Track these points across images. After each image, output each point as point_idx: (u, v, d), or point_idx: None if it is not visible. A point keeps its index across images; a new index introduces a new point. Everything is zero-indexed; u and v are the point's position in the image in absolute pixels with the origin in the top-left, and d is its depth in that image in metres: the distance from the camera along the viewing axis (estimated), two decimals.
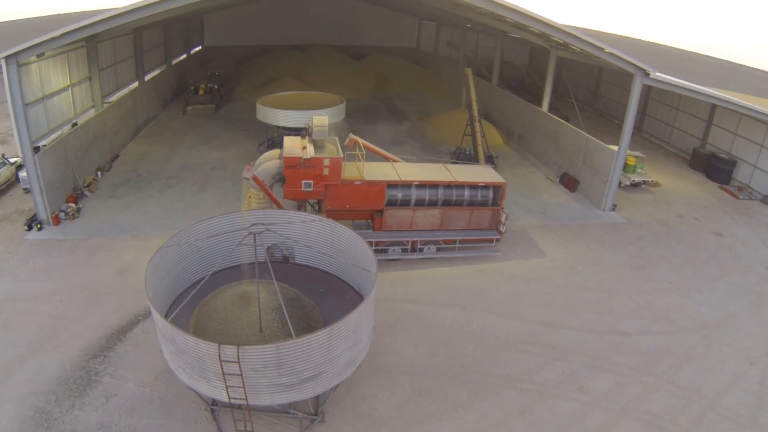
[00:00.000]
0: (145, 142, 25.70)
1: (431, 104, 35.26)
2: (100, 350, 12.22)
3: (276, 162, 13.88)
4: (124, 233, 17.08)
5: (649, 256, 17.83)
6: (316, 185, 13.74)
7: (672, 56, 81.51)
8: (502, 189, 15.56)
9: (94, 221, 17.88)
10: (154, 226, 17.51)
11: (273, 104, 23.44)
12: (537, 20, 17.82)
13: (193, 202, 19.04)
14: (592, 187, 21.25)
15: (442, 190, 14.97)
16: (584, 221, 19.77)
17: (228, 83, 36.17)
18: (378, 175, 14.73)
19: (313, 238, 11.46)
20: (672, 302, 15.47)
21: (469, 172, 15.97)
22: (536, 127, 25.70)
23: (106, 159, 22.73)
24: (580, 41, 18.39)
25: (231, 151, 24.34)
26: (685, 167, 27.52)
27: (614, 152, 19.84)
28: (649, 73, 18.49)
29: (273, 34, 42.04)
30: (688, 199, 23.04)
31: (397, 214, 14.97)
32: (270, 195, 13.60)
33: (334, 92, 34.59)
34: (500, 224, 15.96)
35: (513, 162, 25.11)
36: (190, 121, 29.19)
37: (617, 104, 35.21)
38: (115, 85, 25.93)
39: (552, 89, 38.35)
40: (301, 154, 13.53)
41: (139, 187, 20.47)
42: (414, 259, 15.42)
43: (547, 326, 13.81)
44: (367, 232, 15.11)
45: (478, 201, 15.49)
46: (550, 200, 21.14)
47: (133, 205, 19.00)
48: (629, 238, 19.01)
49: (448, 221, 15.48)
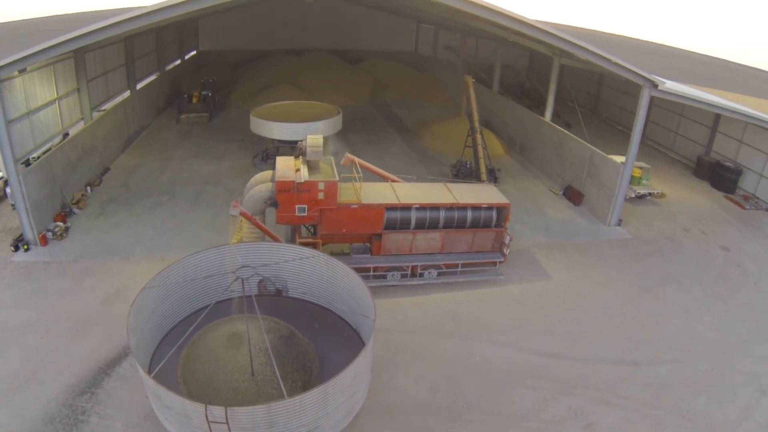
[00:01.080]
0: (137, 153, 25.00)
1: (429, 111, 34.52)
2: (87, 386, 11.61)
3: (267, 185, 13.22)
4: (113, 255, 16.45)
5: (656, 276, 17.29)
6: (311, 210, 13.11)
7: (675, 58, 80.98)
8: (507, 210, 14.94)
9: (83, 241, 17.24)
10: (144, 247, 16.87)
11: (267, 115, 22.75)
12: (542, 31, 17.18)
13: (184, 221, 18.39)
14: (598, 202, 20.64)
15: (443, 212, 14.34)
16: (589, 238, 19.18)
17: (222, 89, 35.39)
18: (376, 197, 14.09)
19: (307, 272, 10.86)
20: (681, 326, 14.93)
21: (472, 192, 15.32)
22: (539, 137, 25.05)
23: (96, 173, 22.04)
24: (588, 52, 17.75)
25: (224, 164, 23.63)
26: (690, 175, 26.99)
27: (621, 166, 19.22)
28: (658, 84, 17.86)
29: (269, 39, 41.22)
30: (694, 211, 22.50)
31: (396, 238, 14.35)
32: (261, 228, 13.00)
33: (331, 98, 33.97)
34: (504, 246, 15.35)
35: (515, 174, 24.47)
36: (184, 130, 28.46)
37: (620, 109, 34.62)
38: (106, 95, 25.19)
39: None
40: (294, 177, 12.88)
41: (129, 203, 19.80)
42: (414, 285, 14.80)
43: (552, 357, 13.24)
44: (365, 257, 14.49)
45: (481, 223, 14.87)
46: (554, 215, 20.53)
47: (122, 224, 18.35)
48: (636, 255, 18.45)
49: (449, 244, 14.86)
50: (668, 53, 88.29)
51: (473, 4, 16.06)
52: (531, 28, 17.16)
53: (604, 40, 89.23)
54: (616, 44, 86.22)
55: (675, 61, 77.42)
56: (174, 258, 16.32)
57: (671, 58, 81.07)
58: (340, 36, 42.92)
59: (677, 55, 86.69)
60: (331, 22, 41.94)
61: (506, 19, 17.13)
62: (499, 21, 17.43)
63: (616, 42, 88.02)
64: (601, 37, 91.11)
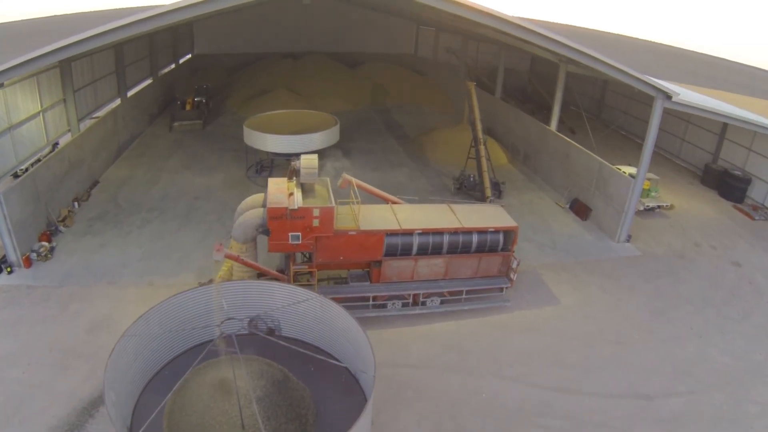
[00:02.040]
0: (128, 165, 24.12)
1: (430, 117, 33.63)
2: (70, 428, 10.88)
3: (259, 211, 12.38)
4: (100, 279, 15.65)
5: (667, 297, 16.57)
6: (305, 238, 12.29)
7: (677, 58, 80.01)
8: (514, 233, 14.13)
9: (68, 263, 16.43)
10: (132, 270, 16.05)
11: (262, 125, 21.89)
12: (553, 41, 16.37)
13: (173, 241, 17.56)
14: (606, 216, 19.85)
15: (447, 236, 13.53)
16: (598, 256, 18.41)
17: (217, 95, 34.45)
18: (376, 221, 13.26)
19: (301, 313, 10.07)
20: (694, 352, 14.23)
21: (477, 214, 14.49)
22: (544, 147, 24.19)
23: (84, 187, 21.17)
24: (601, 63, 16.94)
25: (217, 176, 22.73)
26: (697, 184, 26.34)
27: (631, 181, 18.41)
28: (672, 96, 17.04)
29: (266, 42, 40.14)
30: (703, 223, 21.81)
31: (397, 265, 13.54)
32: (252, 266, 12.19)
33: (329, 104, 33.08)
34: (511, 271, 14.56)
35: (519, 185, 23.63)
36: (176, 139, 27.56)
37: (624, 114, 33.81)
38: (95, 104, 24.27)
39: (552, 97, 37.04)
40: (287, 203, 12.05)
41: (117, 220, 18.97)
42: (416, 314, 14.00)
43: (562, 392, 12.49)
44: (364, 286, 13.66)
45: (487, 246, 14.06)
46: (561, 231, 19.73)
47: (110, 244, 17.53)
48: (646, 275, 17.71)
49: (453, 270, 14.06)
50: (669, 53, 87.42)
51: (483, 13, 15.23)
52: (541, 38, 16.35)
53: (605, 41, 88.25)
54: (615, 45, 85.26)
55: (677, 61, 76.59)
56: (162, 283, 15.75)
57: (673, 58, 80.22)
58: (339, 38, 41.85)
59: (679, 55, 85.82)
60: (329, 24, 40.87)
61: (513, 27, 16.30)
62: (505, 29, 16.60)
63: (616, 42, 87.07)
64: (601, 38, 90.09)
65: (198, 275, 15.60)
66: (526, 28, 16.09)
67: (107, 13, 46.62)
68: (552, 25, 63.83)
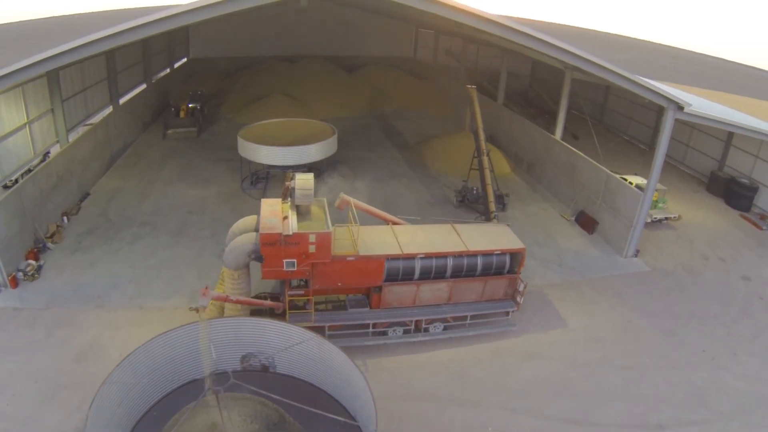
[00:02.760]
0: (120, 175, 23.41)
1: (430, 123, 32.90)
2: None
3: (251, 236, 11.70)
4: (88, 301, 14.99)
5: (678, 316, 16.01)
6: (301, 264, 11.64)
7: (679, 59, 79.29)
8: (521, 255, 13.49)
9: (56, 282, 15.78)
10: (121, 292, 15.39)
11: (257, 135, 21.16)
12: (560, 49, 15.73)
13: (165, 259, 16.88)
14: (613, 230, 19.21)
15: (451, 260, 12.89)
16: (606, 273, 17.80)
17: (213, 100, 33.67)
18: (375, 245, 12.60)
19: (297, 351, 9.43)
20: (707, 377, 13.68)
21: (483, 235, 13.82)
22: (548, 157, 23.51)
23: (74, 200, 20.47)
24: (612, 74, 16.30)
25: (211, 188, 22.00)
26: (703, 191, 25.83)
27: (640, 194, 17.77)
28: (684, 107, 16.39)
29: (262, 45, 39.20)
30: (710, 234, 21.30)
31: (399, 290, 12.89)
32: (243, 303, 11.52)
33: (326, 110, 32.31)
34: (517, 294, 13.93)
35: (523, 196, 22.97)
36: (170, 147, 26.82)
37: (628, 119, 33.16)
38: (85, 113, 23.50)
39: (555, 101, 36.23)
40: (281, 228, 11.37)
41: (107, 236, 18.28)
42: (418, 341, 13.35)
43: (571, 424, 11.88)
44: (363, 312, 13.01)
45: (493, 269, 13.43)
46: (567, 246, 19.09)
47: (99, 262, 16.86)
48: (655, 292, 17.13)
49: (457, 294, 13.41)
50: (672, 54, 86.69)
51: (489, 21, 14.57)
52: (549, 47, 15.69)
53: (606, 43, 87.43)
54: (618, 46, 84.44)
55: (680, 63, 75.87)
56: (153, 307, 15.07)
57: (677, 60, 79.49)
58: (336, 41, 40.94)
59: (679, 56, 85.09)
60: (326, 27, 39.95)
61: (519, 36, 15.63)
62: (512, 38, 15.93)
63: (618, 44, 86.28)
64: (602, 39, 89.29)
65: (190, 298, 14.94)
66: (534, 36, 15.43)
67: (102, 16, 45.81)
68: (552, 27, 63.14)
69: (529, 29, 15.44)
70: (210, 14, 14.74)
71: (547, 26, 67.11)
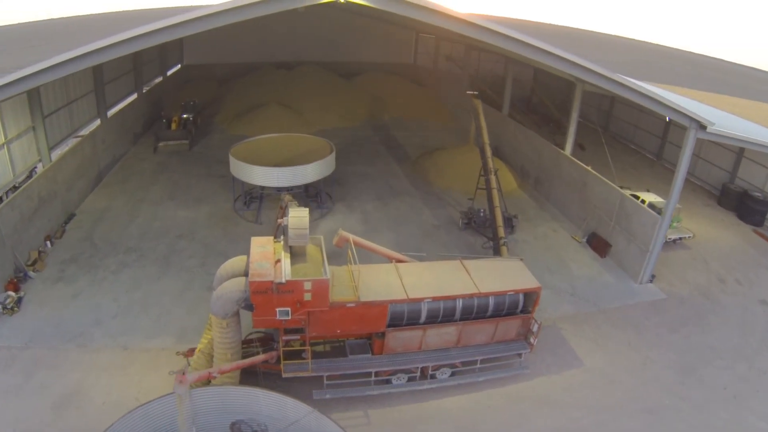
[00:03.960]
0: (107, 193, 22.26)
1: (432, 133, 31.71)
2: None
3: (240, 282, 10.58)
4: (70, 340, 13.91)
5: (697, 350, 15.09)
6: (296, 313, 10.57)
7: (682, 61, 78.19)
8: (536, 294, 12.44)
9: (37, 317, 14.70)
10: (105, 329, 14.30)
11: (249, 151, 19.96)
12: (578, 66, 14.69)
13: (152, 292, 15.75)
14: (627, 254, 18.16)
15: (461, 302, 11.83)
16: (621, 302, 16.77)
17: (207, 109, 32.48)
18: (378, 288, 11.50)
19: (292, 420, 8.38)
20: (730, 419, 12.78)
21: (494, 273, 12.72)
22: (557, 173, 22.37)
23: (58, 222, 19.34)
24: (631, 91, 15.25)
25: (202, 209, 20.81)
26: (714, 205, 25.02)
27: (658, 219, 16.72)
28: (707, 126, 15.33)
29: (258, 51, 37.91)
30: (725, 253, 20.53)
31: (403, 336, 11.82)
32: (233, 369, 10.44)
33: (324, 119, 31.13)
34: (531, 335, 12.88)
35: (531, 215, 21.85)
36: (161, 162, 25.66)
37: (634, 128, 32.10)
38: (70, 128, 22.32)
39: (558, 107, 35.21)
40: (273, 274, 10.27)
41: (92, 264, 17.17)
42: (424, 389, 12.29)
43: None
44: (364, 359, 11.92)
45: (505, 310, 12.37)
46: (580, 272, 18.03)
47: (83, 294, 15.76)
48: (673, 322, 16.16)
49: (466, 337, 12.35)
50: (668, 55, 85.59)
51: (503, 36, 13.49)
52: (566, 63, 14.63)
53: (609, 45, 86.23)
54: (621, 49, 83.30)
55: (677, 63, 74.77)
56: (138, 347, 13.97)
57: (671, 59, 78.38)
58: (334, 47, 39.66)
59: (678, 57, 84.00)
60: (323, 32, 38.65)
61: (530, 49, 14.55)
62: (522, 52, 14.87)
63: (622, 46, 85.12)
64: (603, 41, 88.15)
65: (179, 338, 13.88)
66: (548, 51, 14.36)
67: (98, 18, 44.44)
68: (551, 30, 61.98)
69: (546, 45, 14.38)
70: (207, 26, 13.86)
71: (544, 28, 65.99)
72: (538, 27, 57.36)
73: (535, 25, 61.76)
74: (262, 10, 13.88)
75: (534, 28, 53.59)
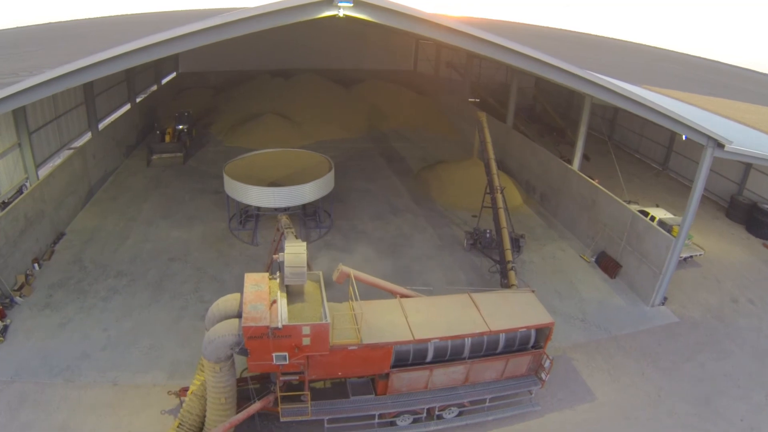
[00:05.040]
0: (98, 210, 21.46)
1: (434, 144, 30.90)
2: None
3: (233, 325, 9.81)
4: (57, 374, 13.18)
5: (712, 378, 14.48)
6: (294, 357, 9.85)
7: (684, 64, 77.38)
8: (549, 330, 11.74)
9: (23, 348, 13.97)
10: (93, 362, 13.54)
11: (244, 168, 19.15)
12: (594, 84, 14.05)
13: (143, 321, 14.97)
14: (638, 276, 17.47)
15: (469, 341, 11.11)
16: (633, 327, 16.09)
17: (202, 119, 31.65)
18: (382, 327, 10.74)
19: None
20: None
21: (505, 307, 11.99)
22: (565, 189, 21.57)
23: (46, 243, 18.56)
24: (646, 109, 14.60)
25: (195, 228, 19.99)
26: (722, 218, 24.46)
27: (672, 240, 16.03)
28: (724, 145, 14.66)
29: (255, 58, 37.10)
30: (736, 270, 19.98)
31: (408, 377, 11.10)
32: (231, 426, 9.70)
33: (322, 131, 30.23)
34: (542, 371, 12.19)
35: (538, 234, 21.08)
36: (154, 176, 24.85)
37: (639, 136, 31.46)
38: (59, 143, 21.53)
39: (561, 115, 34.51)
40: (268, 318, 9.52)
41: (81, 289, 16.40)
42: (431, 430, 11.56)
43: None
44: (367, 400, 11.20)
45: (516, 345, 11.68)
46: (589, 296, 17.33)
47: (71, 323, 15.00)
48: (686, 349, 15.55)
49: (475, 375, 11.65)
50: (667, 57, 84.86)
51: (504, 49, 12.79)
52: (581, 81, 13.97)
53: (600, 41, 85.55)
54: (621, 47, 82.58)
55: (674, 65, 74.10)
56: (128, 382, 13.06)
57: (665, 61, 77.68)
58: (332, 54, 38.75)
59: (675, 59, 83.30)
60: (321, 39, 37.68)
61: (538, 65, 13.88)
62: (528, 68, 14.20)
63: (624, 46, 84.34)
64: (602, 44, 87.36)
65: (170, 373, 13.13)
66: (561, 68, 13.68)
67: (94, 23, 43.47)
68: (551, 32, 61.27)
69: (557, 60, 13.70)
70: (202, 42, 13.22)
71: (545, 32, 65.24)
72: (540, 31, 56.59)
73: (536, 29, 60.99)
74: (264, 23, 13.32)
75: (536, 32, 52.81)
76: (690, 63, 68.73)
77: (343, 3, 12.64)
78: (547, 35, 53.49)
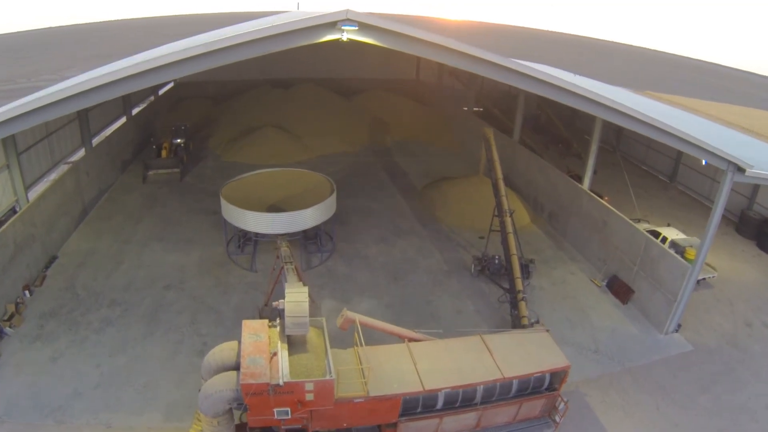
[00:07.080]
0: (92, 231, 20.77)
1: (438, 159, 30.16)
2: None
3: (231, 379, 9.16)
4: (48, 414, 12.52)
5: (729, 411, 14.03)
6: (296, 413, 9.21)
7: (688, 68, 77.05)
8: (564, 373, 11.14)
9: (12, 385, 13.30)
10: (86, 402, 12.86)
11: (241, 190, 18.40)
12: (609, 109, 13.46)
13: (137, 357, 14.27)
14: (652, 302, 16.87)
15: (482, 388, 10.51)
16: (647, 358, 15.51)
17: (199, 132, 30.92)
18: (389, 377, 10.08)
19: None
20: None
21: (518, 349, 11.36)
22: (575, 209, 20.89)
23: (38, 268, 17.88)
24: (666, 134, 14.07)
25: (192, 252, 19.27)
26: (732, 233, 23.97)
27: (688, 268, 15.44)
28: (745, 169, 14.09)
29: (253, 68, 36.19)
30: (749, 291, 19.50)
31: (417, 426, 10.49)
32: None
33: (322, 144, 29.41)
34: (556, 413, 11.60)
35: (547, 256, 20.38)
36: (150, 193, 24.13)
37: (646, 148, 30.87)
38: (51, 162, 20.86)
39: (566, 125, 33.82)
40: (269, 374, 8.86)
41: (73, 320, 15.72)
42: None
43: None
44: None
45: (530, 389, 11.09)
46: (601, 324, 16.71)
47: (63, 357, 14.32)
48: (701, 380, 15.04)
49: (487, 420, 11.05)
50: (666, 61, 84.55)
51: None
52: (594, 106, 13.41)
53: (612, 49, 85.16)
54: (624, 52, 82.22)
55: (672, 68, 73.73)
56: (122, 425, 12.38)
57: (660, 63, 77.35)
58: (332, 63, 37.98)
59: (672, 62, 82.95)
60: (321, 48, 36.99)
61: (544, 87, 13.30)
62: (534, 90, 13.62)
63: (626, 50, 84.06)
64: (604, 48, 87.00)
65: (166, 415, 12.47)
66: (579, 94, 13.12)
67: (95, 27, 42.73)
68: (552, 35, 60.71)
69: (566, 83, 13.12)
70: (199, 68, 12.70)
71: (545, 36, 64.70)
72: (542, 35, 56.07)
73: (537, 32, 60.47)
74: (268, 47, 13.10)
75: (538, 36, 52.26)
76: (689, 66, 68.38)
77: (347, 27, 12.07)
78: (550, 39, 52.97)
